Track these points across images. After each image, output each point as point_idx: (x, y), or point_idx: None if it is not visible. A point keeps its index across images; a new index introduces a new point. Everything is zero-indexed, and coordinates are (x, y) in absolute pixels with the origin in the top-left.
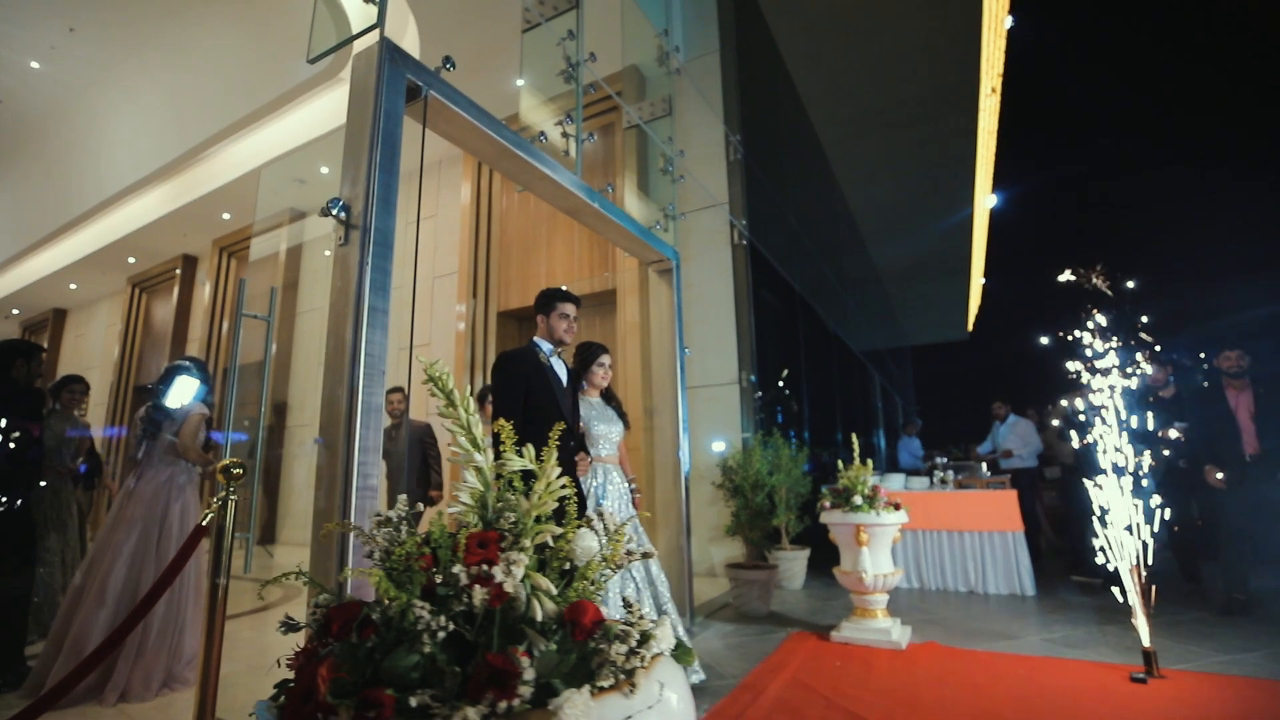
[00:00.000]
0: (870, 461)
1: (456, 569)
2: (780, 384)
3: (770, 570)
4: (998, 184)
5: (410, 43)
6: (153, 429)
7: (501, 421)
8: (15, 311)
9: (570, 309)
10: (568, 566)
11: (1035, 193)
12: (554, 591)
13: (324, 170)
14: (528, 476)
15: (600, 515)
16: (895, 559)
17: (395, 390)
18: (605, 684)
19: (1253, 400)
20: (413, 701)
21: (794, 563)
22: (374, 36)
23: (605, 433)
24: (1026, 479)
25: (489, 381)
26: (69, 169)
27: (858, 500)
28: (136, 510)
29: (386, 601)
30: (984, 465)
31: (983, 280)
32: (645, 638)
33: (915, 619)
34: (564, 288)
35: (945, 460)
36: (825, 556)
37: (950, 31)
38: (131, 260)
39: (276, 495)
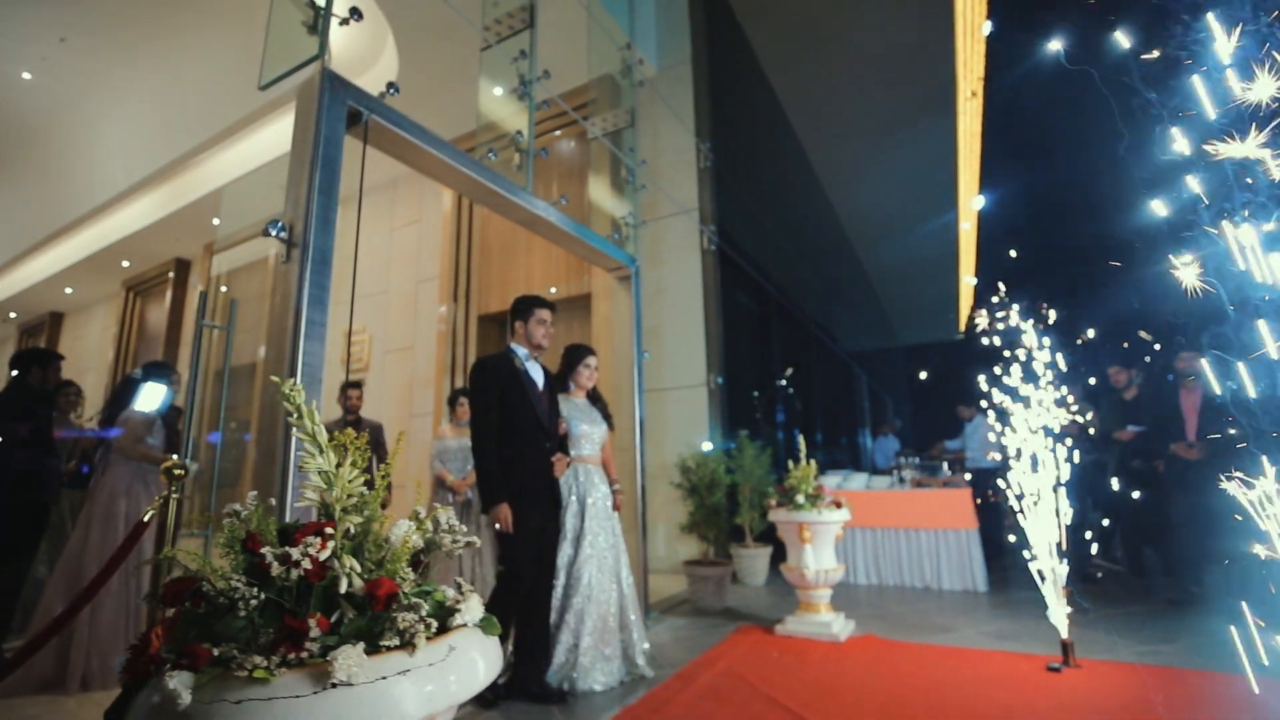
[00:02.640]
0: (814, 462)
1: (264, 550)
2: (753, 385)
3: (724, 566)
4: (984, 185)
5: (389, 57)
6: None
7: (341, 434)
8: (13, 315)
9: (547, 315)
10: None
11: (1021, 193)
12: (359, 570)
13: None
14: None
15: (438, 511)
16: (839, 555)
17: (354, 386)
18: (390, 644)
19: (1200, 401)
20: (216, 651)
21: (756, 560)
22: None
23: (588, 433)
24: (988, 478)
25: (468, 384)
26: (62, 175)
27: (800, 499)
28: (94, 510)
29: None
30: (945, 464)
31: (973, 281)
32: (447, 610)
33: (865, 614)
34: (553, 289)
35: (917, 460)
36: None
37: (925, 37)
38: (125, 264)
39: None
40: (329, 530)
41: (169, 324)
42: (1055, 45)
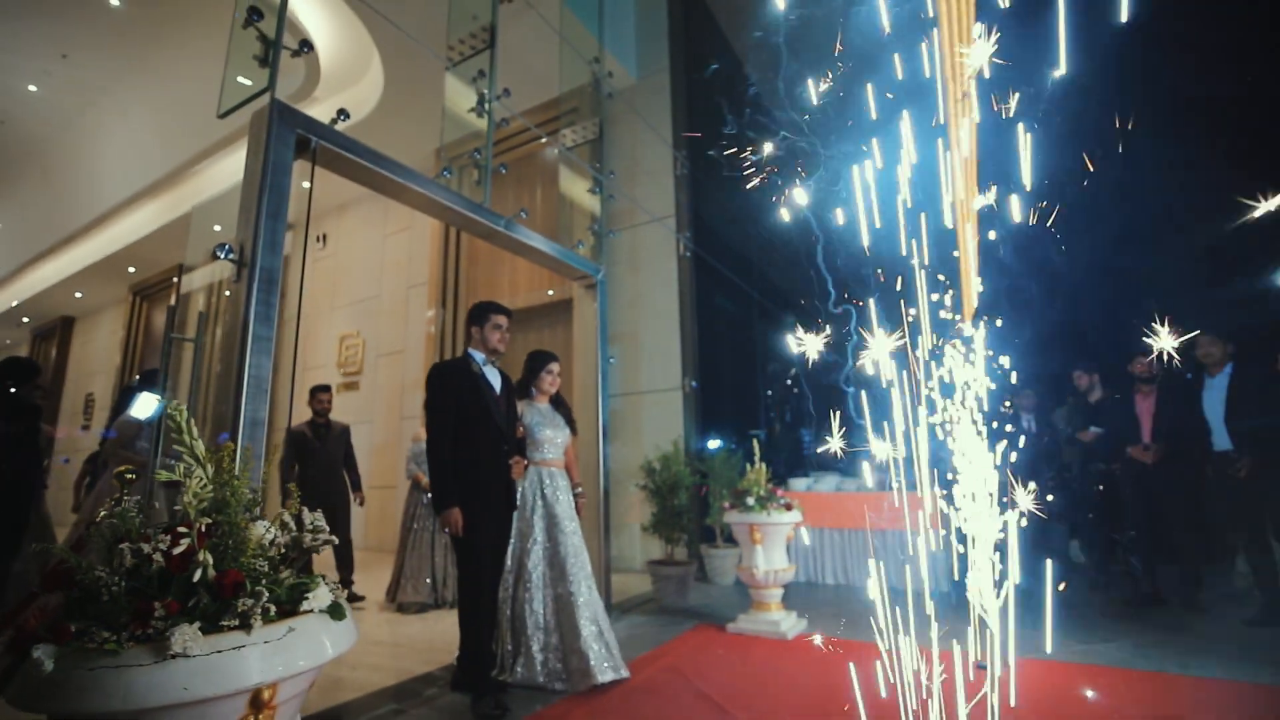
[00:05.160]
0: (765, 465)
1: (123, 546)
2: (733, 389)
3: (686, 566)
4: (984, 185)
5: (375, 72)
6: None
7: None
8: (25, 320)
9: (503, 320)
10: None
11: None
12: (211, 563)
13: (305, 185)
14: None
15: (298, 516)
16: (794, 555)
17: (323, 389)
18: (230, 624)
19: (1154, 405)
20: (74, 628)
21: (725, 560)
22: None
23: (551, 438)
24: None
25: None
26: (69, 184)
27: (750, 501)
28: (85, 512)
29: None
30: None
31: (978, 279)
32: (296, 596)
33: (824, 614)
34: (550, 292)
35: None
36: None
37: (910, 40)
38: (131, 270)
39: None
40: (182, 529)
41: (199, 324)
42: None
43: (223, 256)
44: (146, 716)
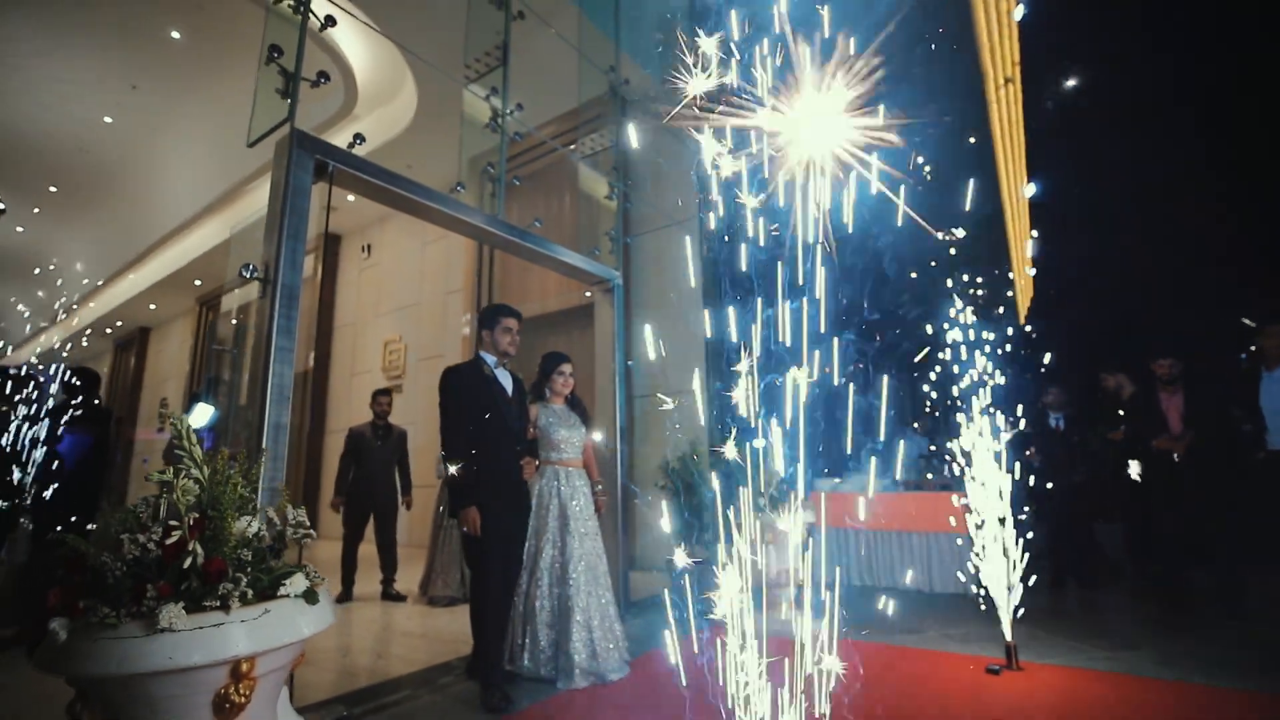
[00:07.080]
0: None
1: (123, 536)
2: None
3: (702, 565)
4: (1033, 173)
5: (409, 89)
6: None
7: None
8: (108, 331)
9: (513, 323)
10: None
11: (1071, 181)
12: (200, 552)
13: (350, 198)
14: None
15: (271, 513)
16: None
17: (384, 393)
18: (212, 604)
19: (1183, 404)
20: (81, 604)
21: None
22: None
23: (566, 438)
24: None
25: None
26: (141, 205)
27: (761, 501)
28: None
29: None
30: (945, 465)
31: (1032, 271)
32: (274, 583)
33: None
34: (587, 294)
35: (941, 460)
36: None
37: (946, 26)
38: (198, 282)
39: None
40: (173, 523)
41: (235, 337)
42: None
43: (248, 276)
44: (139, 681)
